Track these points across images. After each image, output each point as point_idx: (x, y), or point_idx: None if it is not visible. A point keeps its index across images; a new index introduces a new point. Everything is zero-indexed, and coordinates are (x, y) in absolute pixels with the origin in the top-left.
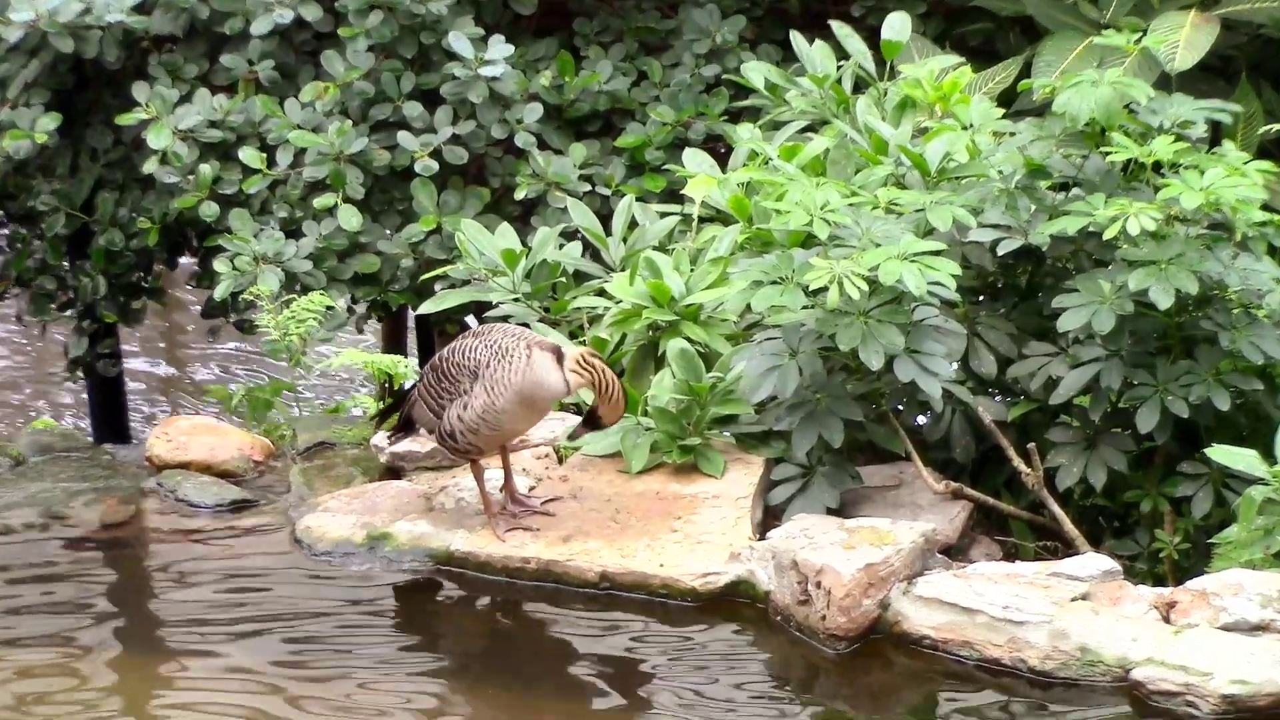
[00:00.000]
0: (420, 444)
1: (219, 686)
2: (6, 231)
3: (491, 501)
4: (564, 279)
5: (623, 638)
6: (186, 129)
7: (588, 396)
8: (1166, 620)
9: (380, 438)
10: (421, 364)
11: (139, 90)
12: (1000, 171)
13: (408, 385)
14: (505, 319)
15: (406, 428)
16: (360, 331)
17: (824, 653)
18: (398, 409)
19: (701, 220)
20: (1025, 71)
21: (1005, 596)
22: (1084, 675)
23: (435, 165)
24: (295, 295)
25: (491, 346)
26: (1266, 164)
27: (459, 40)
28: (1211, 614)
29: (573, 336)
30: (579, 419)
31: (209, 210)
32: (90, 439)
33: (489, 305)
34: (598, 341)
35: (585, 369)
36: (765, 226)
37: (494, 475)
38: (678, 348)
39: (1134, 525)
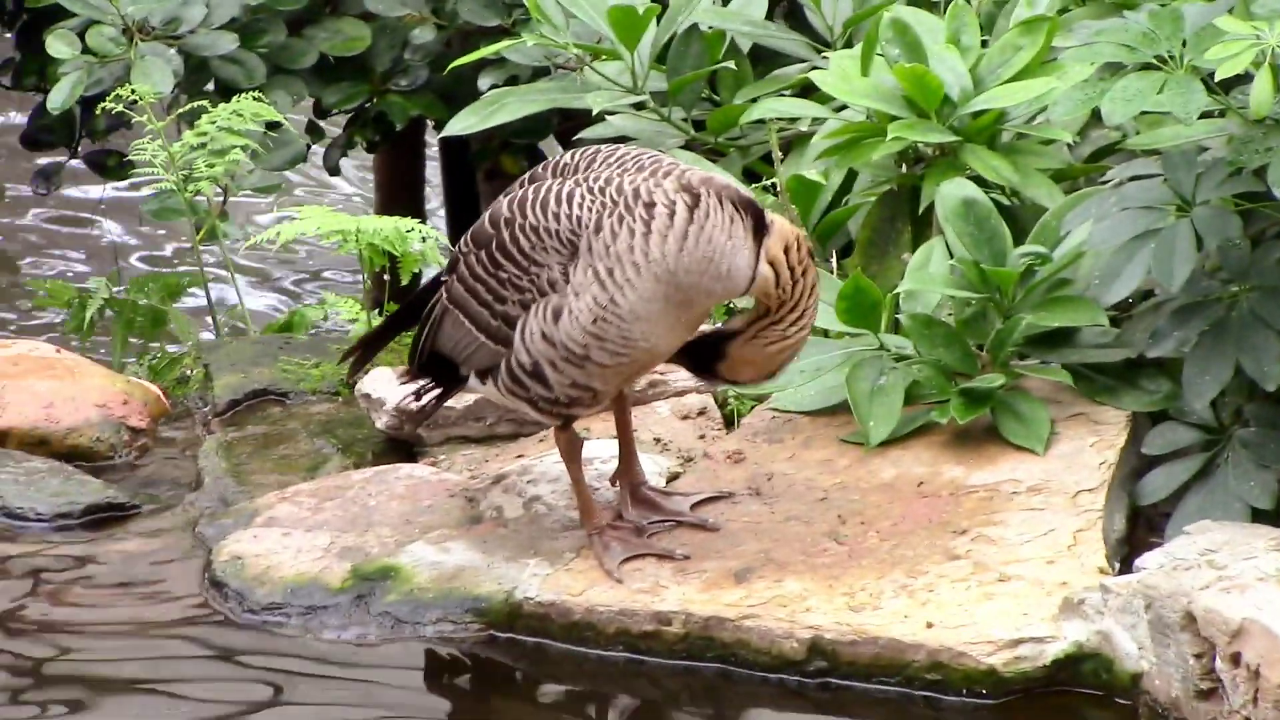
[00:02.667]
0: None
1: None
2: None
3: (594, 506)
4: (732, 65)
5: None
6: None
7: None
8: None
9: (378, 381)
10: (454, 236)
11: None
12: None
13: (429, 278)
14: (620, 143)
15: (434, 369)
16: (335, 174)
17: None
18: (408, 324)
19: None
20: None
21: None
22: None
23: None
24: (206, 103)
25: (603, 191)
26: None
27: None
28: None
29: (750, 179)
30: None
31: None
32: None
33: (585, 120)
34: (801, 187)
35: (796, 265)
36: None
37: (597, 451)
38: (959, 197)
39: None
